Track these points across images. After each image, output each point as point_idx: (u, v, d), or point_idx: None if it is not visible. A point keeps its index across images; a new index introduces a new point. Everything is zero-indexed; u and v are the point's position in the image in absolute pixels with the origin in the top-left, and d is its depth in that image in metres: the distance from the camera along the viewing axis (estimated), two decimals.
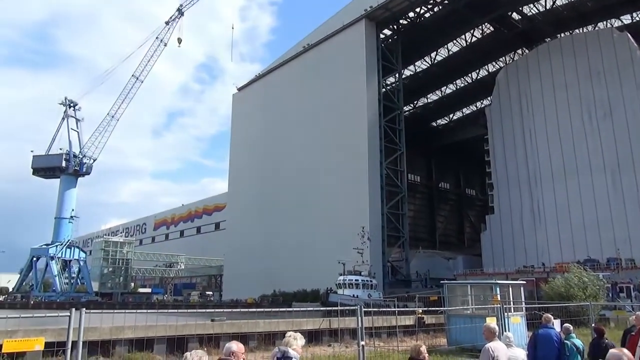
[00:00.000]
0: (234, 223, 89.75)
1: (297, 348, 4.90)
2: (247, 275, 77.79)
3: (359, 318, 8.93)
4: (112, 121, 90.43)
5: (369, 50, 69.15)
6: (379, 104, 68.87)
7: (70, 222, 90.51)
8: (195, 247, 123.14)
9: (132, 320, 13.92)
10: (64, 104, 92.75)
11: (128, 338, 13.72)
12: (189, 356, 3.62)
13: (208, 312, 13.20)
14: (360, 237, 53.86)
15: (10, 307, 72.03)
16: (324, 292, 49.14)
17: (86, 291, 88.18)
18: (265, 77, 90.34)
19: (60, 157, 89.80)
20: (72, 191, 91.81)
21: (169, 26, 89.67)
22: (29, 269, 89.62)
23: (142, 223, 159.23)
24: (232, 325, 15.98)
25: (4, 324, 12.74)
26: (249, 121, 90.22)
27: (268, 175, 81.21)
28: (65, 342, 5.51)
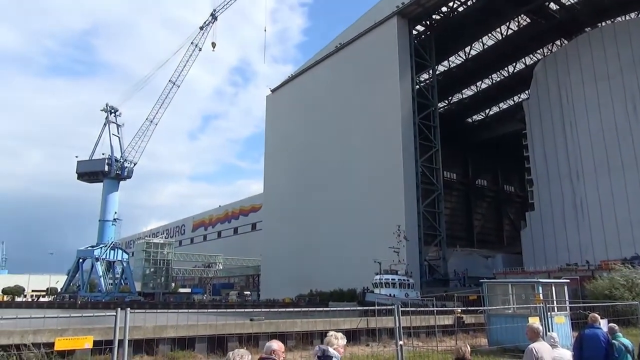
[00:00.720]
0: (270, 223, 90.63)
1: (338, 347, 4.91)
2: (283, 274, 78.44)
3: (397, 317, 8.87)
4: (150, 126, 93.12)
5: (402, 47, 68.48)
6: (412, 101, 68.11)
7: (113, 225, 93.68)
8: (232, 247, 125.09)
9: (174, 319, 14.28)
10: (105, 110, 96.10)
11: (170, 337, 14.09)
12: (232, 355, 3.67)
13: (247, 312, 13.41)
14: (396, 236, 53.43)
15: (59, 306, 75.18)
16: (361, 292, 49.06)
17: (129, 291, 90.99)
18: (298, 77, 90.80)
19: (103, 161, 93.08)
20: (115, 194, 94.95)
21: (204, 31, 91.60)
22: (75, 270, 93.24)
23: (181, 224, 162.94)
24: (270, 324, 16.16)
25: (54, 323, 13.33)
26: (283, 122, 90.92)
27: (303, 175, 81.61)
28: (112, 340, 5.73)
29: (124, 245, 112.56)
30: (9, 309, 70.02)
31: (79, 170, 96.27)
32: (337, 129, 75.70)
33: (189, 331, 14.49)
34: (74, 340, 5.96)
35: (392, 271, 49.38)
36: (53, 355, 11.29)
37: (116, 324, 5.61)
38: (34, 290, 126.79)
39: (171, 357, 13.88)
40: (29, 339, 12.06)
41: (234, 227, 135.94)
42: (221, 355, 14.42)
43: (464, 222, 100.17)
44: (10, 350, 11.47)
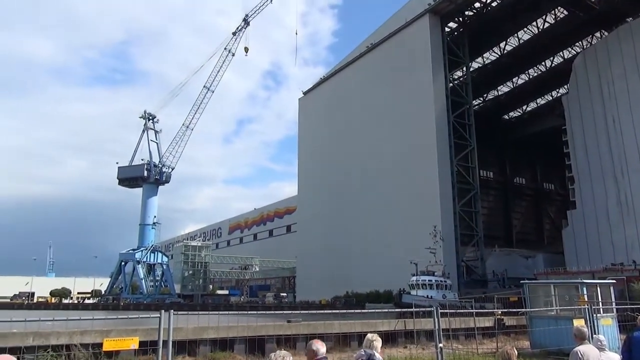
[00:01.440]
0: (305, 225, 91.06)
1: (380, 350, 4.91)
2: (319, 276, 78.64)
3: (436, 319, 8.77)
4: (187, 131, 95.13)
5: (434, 45, 67.63)
6: (446, 99, 67.14)
7: (153, 228, 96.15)
8: (268, 249, 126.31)
9: (213, 321, 14.55)
10: (143, 117, 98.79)
11: (210, 338, 14.37)
12: (273, 357, 3.71)
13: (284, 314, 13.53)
14: (432, 236, 52.76)
15: (104, 308, 77.69)
16: (397, 293, 48.58)
17: (169, 293, 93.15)
18: (330, 79, 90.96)
19: (142, 167, 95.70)
20: (154, 199, 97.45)
21: (236, 36, 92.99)
22: (118, 273, 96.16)
23: (218, 227, 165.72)
24: (307, 326, 16.25)
25: (100, 324, 13.82)
26: (316, 124, 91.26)
27: (336, 176, 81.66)
28: (156, 341, 5.91)
29: (163, 249, 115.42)
30: (57, 311, 72.94)
31: (119, 176, 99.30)
32: (370, 130, 75.42)
33: (228, 332, 14.73)
34: (121, 341, 6.18)
35: (429, 272, 48.76)
36: (100, 356, 11.71)
37: (160, 325, 5.78)
38: (80, 293, 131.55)
39: (211, 357, 14.15)
40: (76, 339, 12.53)
41: (269, 229, 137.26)
42: (260, 356, 14.60)
43: (502, 222, 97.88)
44: (60, 351, 11.95)
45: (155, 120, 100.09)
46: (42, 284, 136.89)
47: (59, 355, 11.77)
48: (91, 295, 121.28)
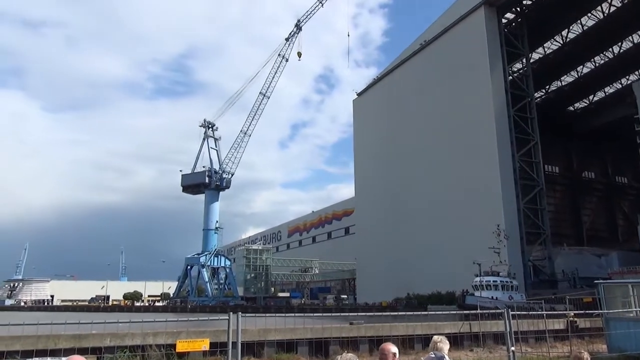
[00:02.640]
0: (363, 227, 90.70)
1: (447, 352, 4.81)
2: (379, 278, 78.04)
3: (507, 322, 8.48)
4: (244, 137, 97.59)
5: (491, 37, 65.45)
6: (506, 93, 64.73)
7: (215, 233, 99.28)
8: (327, 252, 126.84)
9: (276, 323, 14.81)
10: (203, 125, 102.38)
11: (274, 340, 14.64)
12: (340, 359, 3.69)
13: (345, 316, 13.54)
14: (496, 235, 50.88)
15: (172, 310, 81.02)
16: (460, 295, 47.33)
17: (233, 295, 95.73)
18: (384, 79, 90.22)
19: (203, 174, 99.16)
20: (216, 204, 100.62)
21: (289, 42, 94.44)
22: (185, 277, 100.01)
23: (277, 231, 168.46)
24: (370, 328, 16.19)
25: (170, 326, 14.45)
26: (371, 124, 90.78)
27: (394, 176, 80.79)
28: (223, 342, 6.13)
29: (226, 252, 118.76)
30: (130, 313, 76.82)
31: (183, 183, 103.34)
32: (426, 128, 74.08)
33: (292, 334, 14.95)
34: (193, 343, 6.45)
35: (494, 273, 47.08)
36: (172, 356, 12.26)
37: (229, 327, 5.98)
38: (150, 296, 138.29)
39: (276, 359, 14.41)
40: (149, 340, 13.17)
41: (328, 231, 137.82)
42: (323, 358, 14.71)
43: (571, 219, 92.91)
44: (135, 351, 12.62)
45: (214, 128, 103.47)
46: (116, 288, 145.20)
47: (134, 355, 12.43)
48: (161, 298, 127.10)
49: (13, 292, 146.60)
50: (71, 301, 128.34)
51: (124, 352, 12.24)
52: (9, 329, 10.89)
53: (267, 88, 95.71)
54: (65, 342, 11.81)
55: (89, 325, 12.15)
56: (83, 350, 11.09)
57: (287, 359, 14.21)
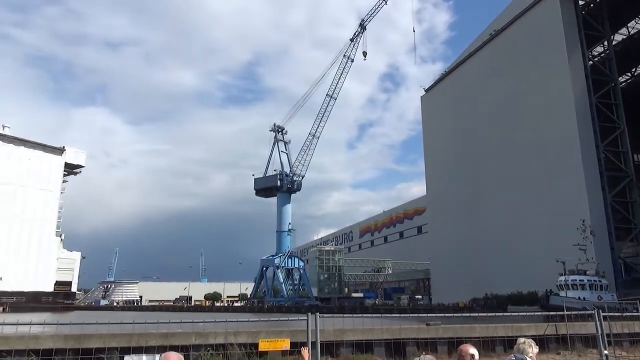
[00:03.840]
0: (436, 226, 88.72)
1: (533, 356, 4.63)
2: (455, 278, 75.94)
3: (599, 324, 8.00)
4: (314, 140, 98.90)
5: (567, 21, 61.70)
6: (586, 79, 60.71)
7: (289, 235, 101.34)
8: (400, 251, 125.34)
9: (353, 323, 14.90)
10: (273, 130, 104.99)
11: (350, 340, 14.73)
12: None
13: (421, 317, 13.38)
14: (581, 232, 47.79)
15: (250, 310, 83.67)
16: (543, 295, 44.97)
17: (308, 296, 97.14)
18: (453, 73, 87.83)
19: (275, 177, 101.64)
20: (288, 207, 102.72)
21: (354, 42, 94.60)
22: (261, 278, 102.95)
23: (349, 231, 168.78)
24: (447, 329, 15.84)
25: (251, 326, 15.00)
26: (441, 120, 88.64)
27: (467, 172, 78.30)
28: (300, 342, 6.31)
29: (299, 254, 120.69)
30: (211, 313, 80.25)
31: (256, 187, 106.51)
32: (501, 120, 71.12)
33: (368, 335, 14.95)
34: (275, 343, 6.71)
35: (580, 271, 44.28)
36: (252, 355, 12.74)
37: (308, 327, 6.16)
38: (229, 296, 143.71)
39: (353, 359, 14.48)
40: (231, 339, 13.75)
41: (400, 231, 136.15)
42: (400, 359, 14.59)
43: None
44: (219, 349, 13.23)
45: (284, 132, 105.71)
46: (197, 289, 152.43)
47: (217, 354, 13.04)
48: (239, 299, 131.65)
49: (107, 293, 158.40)
50: (158, 302, 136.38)
51: (208, 351, 12.87)
52: (109, 328, 11.85)
53: (334, 90, 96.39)
54: (155, 340, 12.58)
55: (177, 325, 12.92)
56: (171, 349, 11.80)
57: (364, 359, 14.23)
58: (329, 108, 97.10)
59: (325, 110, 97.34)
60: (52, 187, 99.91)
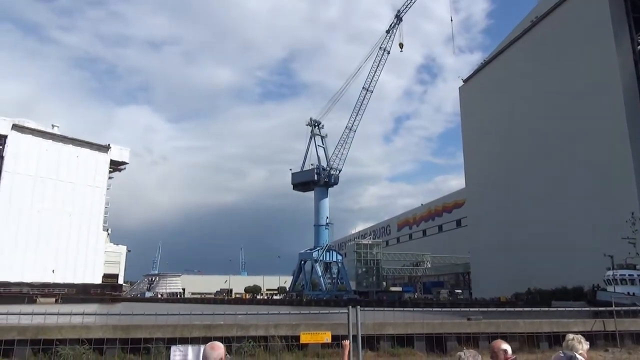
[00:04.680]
0: (476, 218, 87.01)
1: (583, 353, 4.46)
2: (496, 272, 74.38)
3: None
4: (350, 133, 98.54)
5: (613, 4, 58.97)
6: (635, 65, 57.98)
7: (326, 229, 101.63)
8: (438, 245, 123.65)
9: (392, 317, 14.85)
10: (309, 124, 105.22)
11: (390, 334, 14.71)
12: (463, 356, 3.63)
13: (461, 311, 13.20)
14: (630, 224, 45.86)
15: (289, 303, 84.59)
16: (589, 290, 43.50)
17: (346, 290, 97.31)
18: (491, 62, 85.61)
19: (312, 172, 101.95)
20: (325, 201, 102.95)
21: (390, 34, 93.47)
22: (299, 271, 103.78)
23: (386, 225, 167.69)
24: (489, 324, 15.57)
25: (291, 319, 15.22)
26: (480, 111, 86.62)
27: (508, 164, 76.29)
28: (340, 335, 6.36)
29: (336, 247, 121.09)
30: (251, 305, 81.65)
31: (293, 181, 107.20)
32: (543, 110, 68.88)
33: (407, 329, 14.88)
34: (316, 335, 6.79)
35: (629, 266, 42.53)
36: (292, 347, 12.93)
37: (349, 320, 6.20)
38: (268, 289, 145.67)
39: (392, 353, 14.45)
40: (271, 331, 13.99)
41: (438, 224, 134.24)
42: (440, 354, 14.46)
43: None
44: (259, 341, 13.49)
45: (320, 126, 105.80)
46: (237, 282, 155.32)
47: (258, 345, 13.30)
48: (278, 292, 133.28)
49: (151, 285, 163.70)
50: (199, 294, 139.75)
51: (249, 342, 13.14)
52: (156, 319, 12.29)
53: (370, 82, 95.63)
54: (198, 331, 12.93)
55: (220, 317, 13.25)
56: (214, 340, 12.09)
57: (404, 353, 14.17)
58: (364, 101, 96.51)
59: (362, 103, 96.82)
60: (98, 183, 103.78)
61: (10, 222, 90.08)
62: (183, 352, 5.72)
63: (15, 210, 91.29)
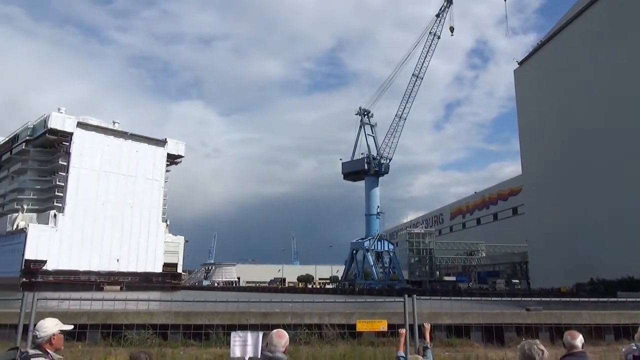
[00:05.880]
0: (534, 206, 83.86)
1: None
2: (555, 261, 71.53)
3: None
4: (400, 122, 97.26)
5: None
6: None
7: (377, 218, 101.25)
8: (493, 234, 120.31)
9: (449, 306, 14.64)
10: (359, 113, 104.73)
11: (445, 324, 14.53)
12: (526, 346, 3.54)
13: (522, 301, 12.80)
14: None
15: (341, 292, 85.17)
16: None
17: (398, 279, 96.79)
18: (548, 43, 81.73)
19: (362, 161, 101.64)
20: (376, 190, 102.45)
21: (440, 18, 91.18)
22: (351, 261, 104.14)
23: (439, 214, 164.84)
24: (550, 315, 15.06)
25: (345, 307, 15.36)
26: (537, 94, 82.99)
27: (568, 148, 72.79)
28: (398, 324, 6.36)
29: (388, 237, 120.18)
30: (304, 294, 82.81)
31: (343, 171, 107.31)
32: (606, 92, 65.07)
33: (463, 319, 14.64)
34: (372, 323, 6.84)
35: None
36: (346, 335, 13.06)
37: (405, 309, 6.20)
38: (320, 278, 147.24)
39: (447, 343, 14.28)
40: (325, 320, 14.17)
41: (493, 212, 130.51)
42: (498, 345, 14.14)
43: None
44: (313, 329, 13.71)
45: (369, 115, 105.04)
46: (290, 271, 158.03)
47: (312, 333, 13.52)
48: (330, 281, 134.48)
49: (208, 274, 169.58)
50: (254, 282, 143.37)
51: (304, 330, 13.37)
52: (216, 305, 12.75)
53: (420, 69, 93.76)
54: (254, 319, 13.28)
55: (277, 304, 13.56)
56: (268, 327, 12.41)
57: (460, 343, 13.96)
58: (414, 88, 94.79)
59: (411, 91, 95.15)
60: (156, 177, 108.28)
61: (78, 215, 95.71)
62: (242, 337, 5.91)
63: (82, 203, 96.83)
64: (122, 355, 10.36)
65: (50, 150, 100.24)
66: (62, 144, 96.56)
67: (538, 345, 3.45)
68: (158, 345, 12.32)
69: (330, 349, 12.32)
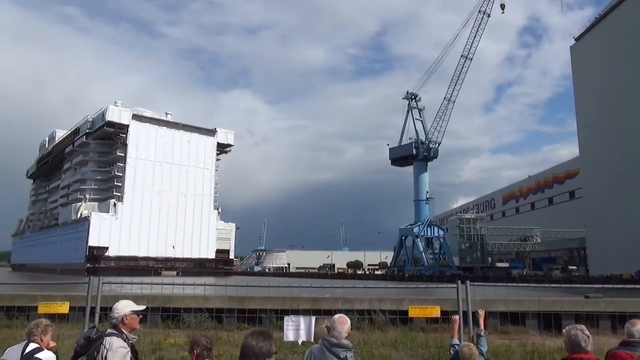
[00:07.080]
0: (593, 189, 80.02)
1: None
2: (616, 246, 68.19)
3: None
4: (449, 105, 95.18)
5: None
6: None
7: (426, 204, 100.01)
8: (548, 218, 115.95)
9: (503, 293, 14.34)
10: (406, 97, 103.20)
11: (498, 311, 14.25)
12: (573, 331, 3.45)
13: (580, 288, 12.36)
14: None
15: (390, 278, 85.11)
16: None
17: (449, 265, 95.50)
18: (608, 17, 77.12)
19: (410, 146, 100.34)
20: (424, 175, 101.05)
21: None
22: (400, 247, 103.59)
23: (490, 199, 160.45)
24: (610, 303, 14.44)
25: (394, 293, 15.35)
26: (596, 71, 78.64)
27: (630, 128, 68.72)
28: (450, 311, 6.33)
29: (437, 222, 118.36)
30: (353, 280, 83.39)
31: (391, 156, 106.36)
32: None
33: (518, 306, 14.31)
34: (424, 309, 6.83)
35: None
36: (396, 321, 13.08)
37: (458, 295, 6.16)
38: (369, 265, 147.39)
39: (502, 330, 14.01)
40: (375, 305, 14.24)
41: (549, 197, 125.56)
42: (555, 333, 13.73)
43: None
44: (363, 314, 13.82)
45: (417, 99, 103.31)
46: (339, 257, 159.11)
47: (363, 318, 13.63)
48: (379, 267, 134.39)
49: (259, 260, 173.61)
50: (304, 268, 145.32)
51: (354, 315, 13.50)
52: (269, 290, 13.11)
53: (469, 49, 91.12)
54: (305, 304, 13.52)
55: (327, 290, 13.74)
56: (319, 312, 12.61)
57: (515, 331, 13.67)
58: (463, 69, 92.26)
59: (460, 73, 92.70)
60: (207, 165, 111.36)
61: (136, 203, 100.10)
62: (295, 322, 6.07)
63: (139, 192, 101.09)
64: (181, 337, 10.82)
65: (109, 142, 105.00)
66: (119, 135, 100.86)
67: (584, 331, 3.44)
68: (213, 328, 12.79)
69: (381, 334, 12.38)
